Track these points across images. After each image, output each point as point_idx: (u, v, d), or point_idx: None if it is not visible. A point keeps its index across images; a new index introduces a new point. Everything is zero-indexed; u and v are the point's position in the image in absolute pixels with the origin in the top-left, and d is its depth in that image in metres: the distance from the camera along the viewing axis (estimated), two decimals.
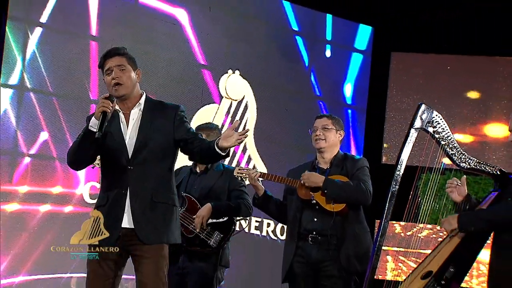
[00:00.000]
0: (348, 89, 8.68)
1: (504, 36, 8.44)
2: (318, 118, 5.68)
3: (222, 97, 7.96)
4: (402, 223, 7.38)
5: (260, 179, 5.50)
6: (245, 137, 4.36)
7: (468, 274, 5.03)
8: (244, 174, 5.53)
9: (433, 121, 4.82)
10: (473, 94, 8.67)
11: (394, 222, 7.64)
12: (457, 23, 8.53)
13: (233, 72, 8.01)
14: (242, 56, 8.05)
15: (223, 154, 4.38)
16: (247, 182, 5.67)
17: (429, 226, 7.57)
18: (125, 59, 4.61)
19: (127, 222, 4.53)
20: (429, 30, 8.64)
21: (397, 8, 8.47)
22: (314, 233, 5.40)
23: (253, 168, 5.63)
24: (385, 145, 8.46)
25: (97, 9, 7.32)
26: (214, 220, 5.66)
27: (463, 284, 4.96)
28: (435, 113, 4.82)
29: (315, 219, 5.36)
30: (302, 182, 5.31)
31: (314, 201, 5.33)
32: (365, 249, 5.24)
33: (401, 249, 6.70)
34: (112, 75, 4.58)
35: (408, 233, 7.91)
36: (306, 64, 8.45)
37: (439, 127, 4.82)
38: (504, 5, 8.21)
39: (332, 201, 5.29)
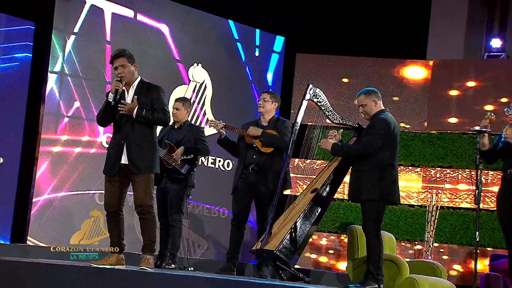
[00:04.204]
0: (269, 76, 8.83)
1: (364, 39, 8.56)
2: (263, 92, 5.92)
3: (190, 80, 8.05)
4: (303, 159, 7.53)
5: (224, 129, 5.61)
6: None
7: None
8: (213, 124, 5.63)
9: (316, 94, 5.02)
10: (345, 79, 8.79)
11: (296, 158, 7.82)
12: (341, 33, 8.61)
13: (197, 65, 8.13)
14: (203, 54, 8.18)
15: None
16: (214, 130, 5.76)
17: (318, 161, 7.79)
18: (126, 59, 4.83)
19: (126, 160, 4.74)
20: (320, 40, 8.76)
21: (299, 24, 8.57)
22: (253, 165, 5.59)
23: (219, 121, 5.69)
24: (292, 111, 8.60)
25: (110, 23, 7.53)
26: (185, 157, 5.73)
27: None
28: (318, 89, 5.13)
29: (254, 156, 5.67)
30: (247, 133, 5.45)
31: (254, 145, 5.54)
32: (285, 177, 5.39)
33: (300, 175, 6.91)
34: (117, 71, 4.75)
35: (305, 165, 8.10)
36: (243, 60, 8.60)
37: (320, 98, 5.11)
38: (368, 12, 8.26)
39: (265, 145, 5.42)
